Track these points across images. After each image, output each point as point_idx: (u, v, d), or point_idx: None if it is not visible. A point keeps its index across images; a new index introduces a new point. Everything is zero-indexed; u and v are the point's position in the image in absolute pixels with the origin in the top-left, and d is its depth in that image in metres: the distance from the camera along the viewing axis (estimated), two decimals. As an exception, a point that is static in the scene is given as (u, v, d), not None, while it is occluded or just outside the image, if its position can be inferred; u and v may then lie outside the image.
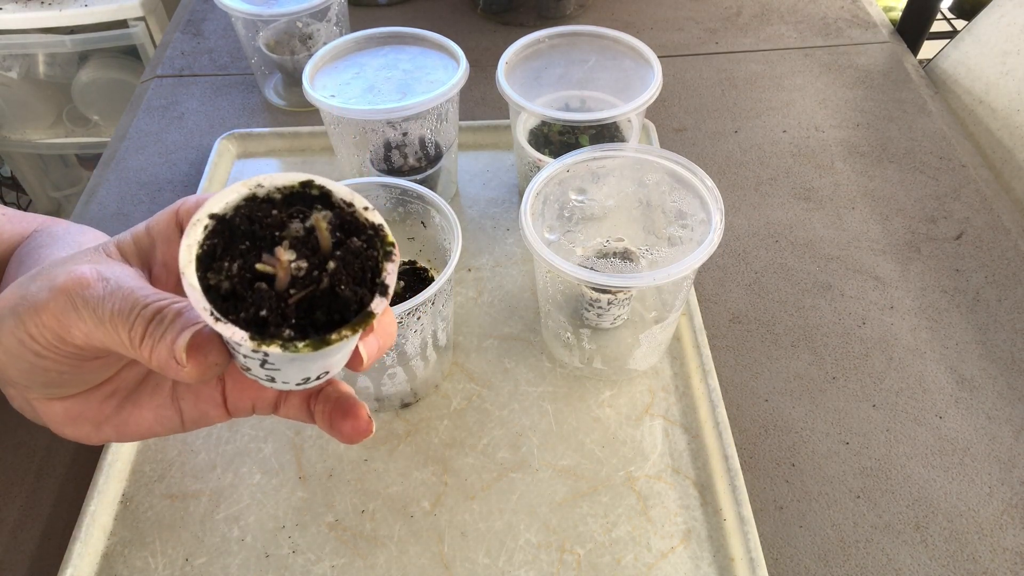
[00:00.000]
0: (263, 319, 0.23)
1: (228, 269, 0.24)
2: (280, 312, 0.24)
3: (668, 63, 0.81)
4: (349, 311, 0.24)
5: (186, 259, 0.23)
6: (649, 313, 0.53)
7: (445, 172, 0.63)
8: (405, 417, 0.51)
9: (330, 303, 0.24)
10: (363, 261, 0.25)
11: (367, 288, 0.25)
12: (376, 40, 0.61)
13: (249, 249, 0.24)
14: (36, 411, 0.31)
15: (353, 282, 0.24)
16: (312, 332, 0.24)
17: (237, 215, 0.25)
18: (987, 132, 0.74)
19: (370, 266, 0.25)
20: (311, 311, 0.24)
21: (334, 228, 0.25)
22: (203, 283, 0.23)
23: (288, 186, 0.25)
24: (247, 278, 0.24)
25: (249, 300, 0.24)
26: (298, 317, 0.24)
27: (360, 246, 0.25)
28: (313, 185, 0.25)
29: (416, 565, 0.44)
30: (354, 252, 0.25)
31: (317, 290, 0.24)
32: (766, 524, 0.46)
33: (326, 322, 0.24)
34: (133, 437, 0.32)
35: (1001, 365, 0.54)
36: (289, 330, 0.23)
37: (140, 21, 1.29)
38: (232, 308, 0.23)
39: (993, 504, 0.47)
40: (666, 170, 0.49)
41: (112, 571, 0.44)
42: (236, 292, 0.24)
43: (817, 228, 0.63)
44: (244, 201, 0.25)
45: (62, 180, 1.59)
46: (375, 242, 0.25)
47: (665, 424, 0.50)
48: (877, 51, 0.82)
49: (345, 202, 0.26)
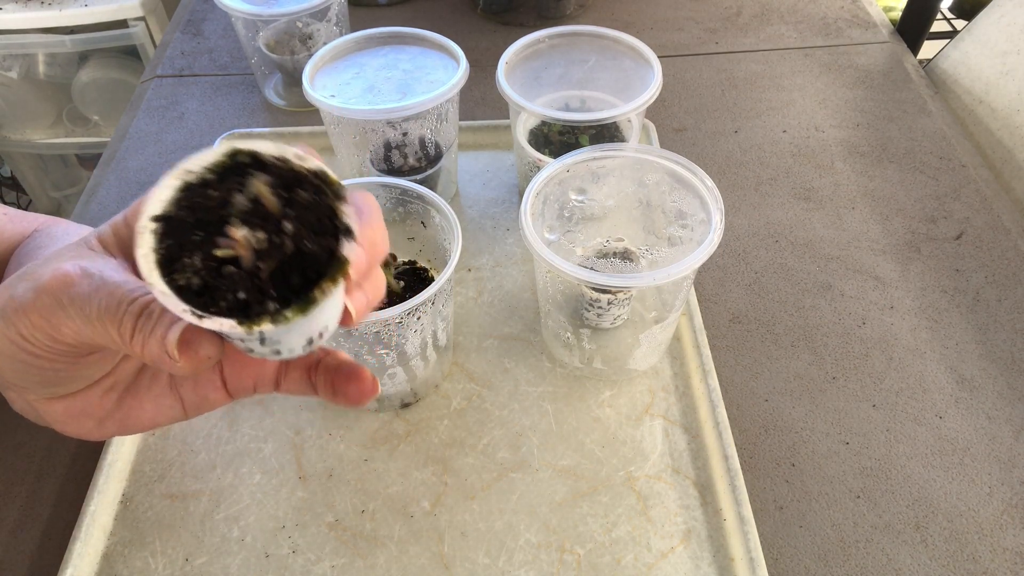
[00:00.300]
0: (244, 301, 0.23)
1: (192, 265, 0.23)
2: (258, 289, 0.23)
3: (668, 63, 0.81)
4: (322, 264, 0.24)
5: (147, 268, 0.23)
6: (649, 313, 0.53)
7: (445, 172, 0.63)
8: (405, 417, 0.51)
9: (302, 263, 0.24)
10: (317, 211, 0.24)
11: (331, 236, 0.24)
12: (376, 40, 0.61)
13: (204, 239, 0.24)
14: (37, 412, 0.31)
15: (315, 235, 0.24)
16: (294, 297, 0.23)
17: (179, 209, 0.24)
18: (987, 132, 0.74)
19: (326, 213, 0.24)
20: (287, 277, 0.24)
21: (276, 188, 0.24)
22: (172, 286, 0.23)
23: (216, 163, 0.24)
24: (213, 267, 0.23)
25: (224, 288, 0.23)
26: (277, 287, 0.24)
27: (309, 197, 0.24)
28: (240, 153, 0.24)
29: (416, 565, 0.44)
30: (305, 205, 0.24)
31: (284, 255, 0.24)
32: (766, 524, 0.46)
33: (305, 282, 0.24)
34: (137, 429, 0.32)
35: (1001, 365, 0.54)
36: (272, 303, 0.23)
37: (140, 21, 1.29)
38: (210, 300, 0.23)
39: (993, 504, 0.47)
40: (666, 170, 0.49)
41: (112, 571, 0.44)
42: (208, 284, 0.23)
43: (817, 228, 0.63)
44: (180, 193, 0.24)
45: (62, 180, 1.59)
46: (322, 188, 0.24)
47: (665, 424, 0.50)
48: (877, 51, 0.82)
49: (277, 158, 0.25)
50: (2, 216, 0.35)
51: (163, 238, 0.23)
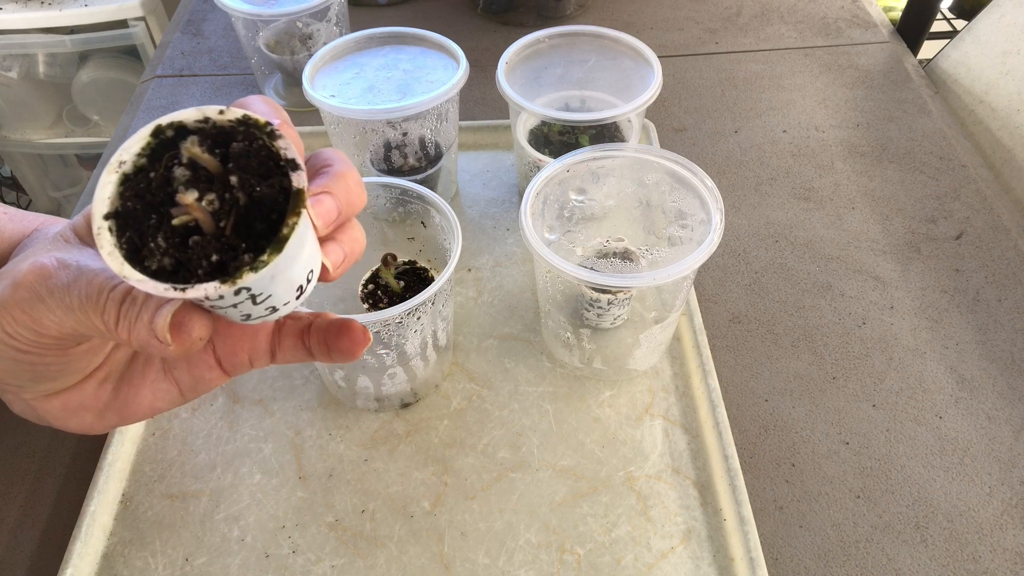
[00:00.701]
0: (219, 263, 0.23)
1: (158, 247, 0.23)
2: (228, 247, 0.23)
3: (668, 63, 0.81)
4: (279, 203, 0.24)
5: (117, 264, 0.23)
6: (649, 313, 0.53)
7: (445, 172, 0.63)
8: (405, 417, 0.51)
9: (261, 210, 0.24)
10: (257, 156, 0.24)
11: (279, 176, 0.24)
12: (376, 40, 0.61)
13: (159, 220, 0.24)
14: (36, 411, 0.31)
15: (263, 179, 0.24)
16: (265, 241, 0.24)
17: (126, 201, 0.24)
18: (987, 132, 0.74)
19: (265, 156, 0.24)
20: (251, 228, 0.24)
21: (209, 148, 0.24)
22: (146, 272, 0.23)
23: (145, 145, 0.24)
24: (179, 243, 0.24)
25: (195, 257, 0.23)
26: (245, 240, 0.24)
27: (244, 146, 0.24)
28: (164, 128, 0.24)
29: (416, 565, 0.44)
30: (243, 154, 0.24)
31: (240, 208, 0.24)
32: (766, 524, 0.46)
33: (270, 226, 0.24)
34: (138, 417, 0.32)
35: (1001, 365, 0.54)
36: (246, 254, 0.23)
37: (140, 21, 1.29)
38: (187, 273, 0.23)
39: (993, 504, 0.47)
40: (666, 170, 0.49)
41: (112, 571, 0.44)
42: (180, 261, 0.23)
43: (817, 228, 0.63)
44: (121, 186, 0.24)
45: (62, 180, 1.59)
46: (253, 134, 0.24)
47: (665, 424, 0.50)
48: (877, 51, 0.82)
49: (199, 121, 0.25)
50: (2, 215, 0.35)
51: (121, 232, 0.24)
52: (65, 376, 0.29)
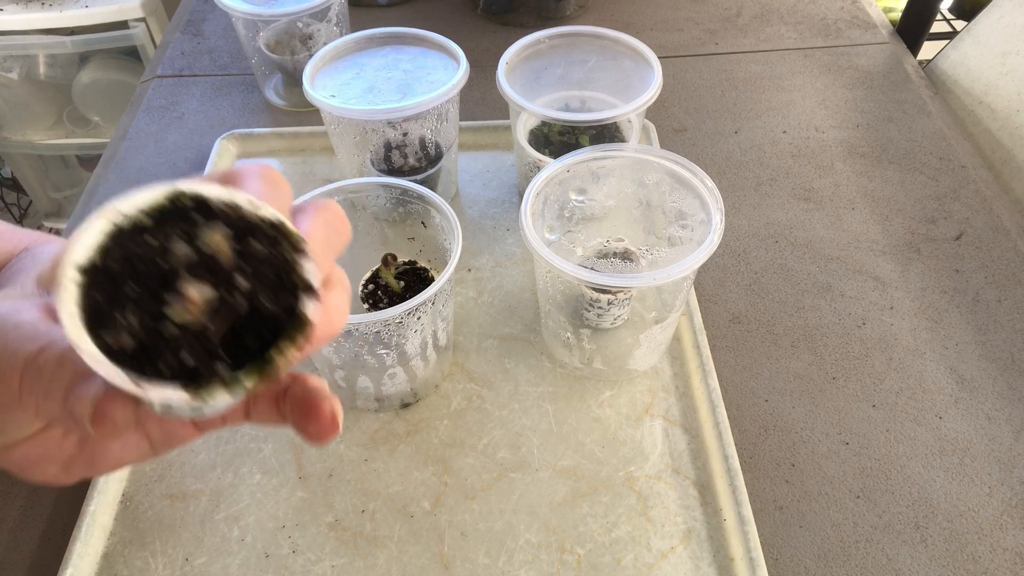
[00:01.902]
0: (192, 369, 0.20)
1: (126, 324, 0.20)
2: (206, 349, 0.21)
3: (668, 63, 0.81)
4: (279, 323, 0.22)
5: (74, 329, 0.19)
6: (649, 313, 0.53)
7: (445, 172, 0.63)
8: (405, 417, 0.51)
9: (255, 321, 0.21)
10: (275, 267, 0.22)
11: (290, 295, 0.22)
12: (376, 40, 0.61)
13: (141, 293, 0.21)
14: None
15: (273, 293, 0.21)
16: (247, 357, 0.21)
17: (109, 258, 0.21)
18: (987, 132, 0.74)
19: (284, 269, 0.22)
20: (237, 335, 0.21)
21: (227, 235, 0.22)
22: (102, 347, 0.20)
23: (155, 205, 0.21)
24: (149, 325, 0.21)
25: (163, 348, 0.20)
26: (225, 345, 0.21)
27: (264, 250, 0.22)
28: (182, 195, 0.21)
29: (416, 565, 0.44)
30: (260, 259, 0.22)
31: (236, 313, 0.21)
32: (766, 524, 0.46)
33: (260, 343, 0.21)
34: (107, 469, 0.29)
35: (1001, 365, 0.54)
36: (223, 365, 0.20)
37: (140, 22, 1.29)
38: (146, 363, 0.20)
39: (993, 504, 0.47)
40: (666, 170, 0.49)
41: (112, 571, 0.44)
42: (144, 344, 0.20)
43: (817, 228, 0.64)
44: (109, 239, 0.21)
45: (62, 181, 1.59)
46: (278, 242, 0.22)
47: (665, 424, 0.50)
48: (877, 52, 0.82)
49: (226, 204, 0.22)
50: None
51: (89, 290, 0.20)
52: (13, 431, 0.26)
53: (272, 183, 0.24)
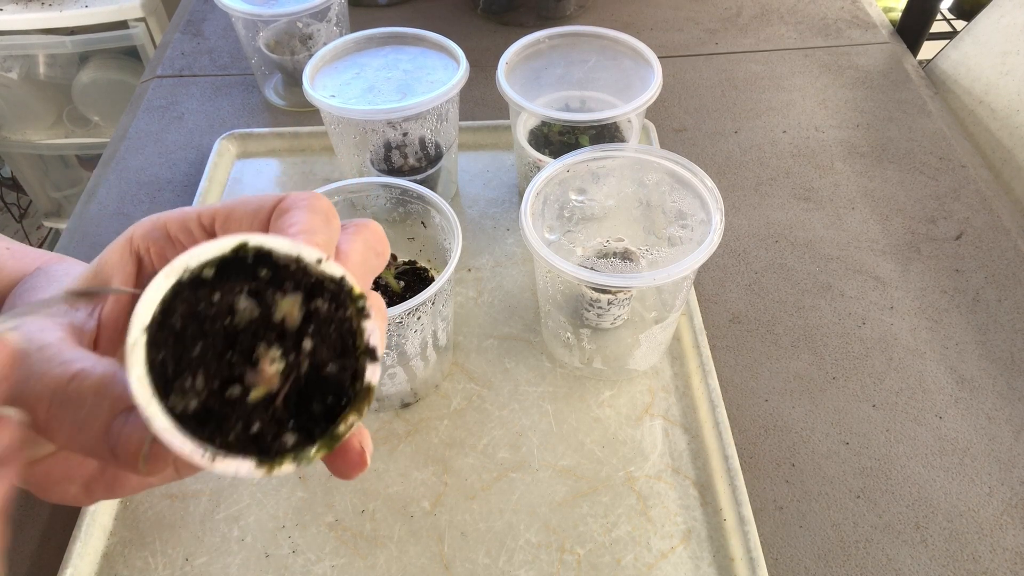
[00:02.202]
0: (256, 434, 0.20)
1: (192, 387, 0.20)
2: (273, 417, 0.20)
3: (668, 63, 0.81)
4: (340, 388, 0.21)
5: (144, 397, 0.19)
6: (649, 313, 0.53)
7: (445, 172, 0.63)
8: (405, 417, 0.51)
9: (316, 385, 0.21)
10: (338, 327, 0.21)
11: (351, 356, 0.21)
12: (376, 40, 0.61)
13: (203, 352, 0.20)
14: None
15: (336, 356, 0.21)
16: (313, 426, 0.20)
17: (174, 316, 0.20)
18: (987, 132, 0.74)
19: (346, 330, 0.21)
20: (300, 401, 0.21)
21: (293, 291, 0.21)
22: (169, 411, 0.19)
23: (218, 257, 0.21)
24: (215, 388, 0.20)
25: (230, 415, 0.20)
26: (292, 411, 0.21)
27: (328, 310, 0.21)
28: (248, 247, 0.21)
29: (416, 565, 0.44)
30: (324, 320, 0.21)
31: (300, 377, 0.21)
32: (766, 524, 0.46)
33: (323, 409, 0.21)
34: (127, 492, 0.28)
35: (1001, 365, 0.54)
36: (290, 435, 0.20)
37: (140, 22, 1.29)
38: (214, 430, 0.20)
39: (993, 504, 0.47)
40: (666, 170, 0.49)
41: (112, 571, 0.44)
42: (208, 408, 0.20)
43: (817, 228, 0.64)
44: (173, 293, 0.20)
45: (62, 180, 1.59)
46: (342, 299, 0.21)
47: (665, 424, 0.50)
48: (877, 51, 0.82)
49: (292, 258, 0.21)
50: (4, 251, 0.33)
51: (153, 350, 0.20)
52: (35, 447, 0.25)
53: (323, 217, 0.24)
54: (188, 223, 0.26)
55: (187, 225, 0.26)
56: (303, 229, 0.23)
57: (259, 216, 0.25)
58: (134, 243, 0.26)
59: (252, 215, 0.25)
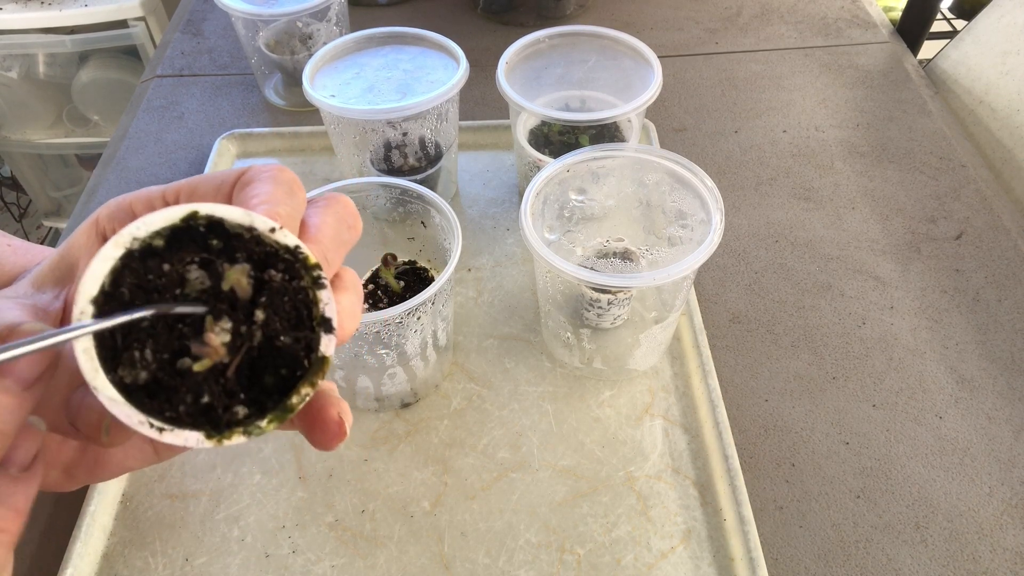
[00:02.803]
0: (206, 405, 0.20)
1: (141, 359, 0.20)
2: (223, 389, 0.20)
3: (668, 63, 0.81)
4: (294, 360, 0.21)
5: (90, 368, 0.19)
6: (649, 313, 0.53)
7: (445, 172, 0.63)
8: (405, 417, 0.51)
9: (269, 357, 0.21)
10: (292, 297, 0.21)
11: (306, 328, 0.21)
12: (376, 40, 0.61)
13: (154, 324, 0.20)
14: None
15: (290, 327, 0.21)
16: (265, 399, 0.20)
17: (120, 286, 0.20)
18: (987, 132, 0.74)
19: (301, 300, 0.21)
20: (253, 373, 0.21)
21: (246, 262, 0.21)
22: (117, 384, 0.19)
23: (168, 226, 0.20)
24: (164, 360, 0.20)
25: (180, 387, 0.20)
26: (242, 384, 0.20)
27: (282, 280, 0.21)
28: (199, 216, 0.20)
29: (416, 565, 0.44)
30: (278, 291, 0.21)
31: (252, 348, 0.20)
32: (766, 524, 0.46)
33: (276, 381, 0.21)
34: (109, 476, 0.28)
35: (1001, 365, 0.54)
36: (241, 407, 0.20)
37: (140, 21, 1.29)
38: (163, 403, 0.20)
39: (993, 504, 0.47)
40: (666, 170, 0.49)
41: (112, 571, 0.44)
42: (158, 380, 0.20)
43: (817, 228, 0.63)
44: (123, 264, 0.20)
45: (62, 180, 1.59)
46: (297, 269, 0.21)
47: (665, 424, 0.50)
48: (877, 51, 0.82)
49: (244, 227, 0.21)
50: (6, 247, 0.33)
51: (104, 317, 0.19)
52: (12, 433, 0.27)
53: (287, 188, 0.23)
54: (153, 201, 0.26)
55: (152, 203, 0.26)
56: (265, 200, 0.23)
57: (222, 190, 0.25)
58: (100, 224, 0.26)
59: (216, 189, 0.25)
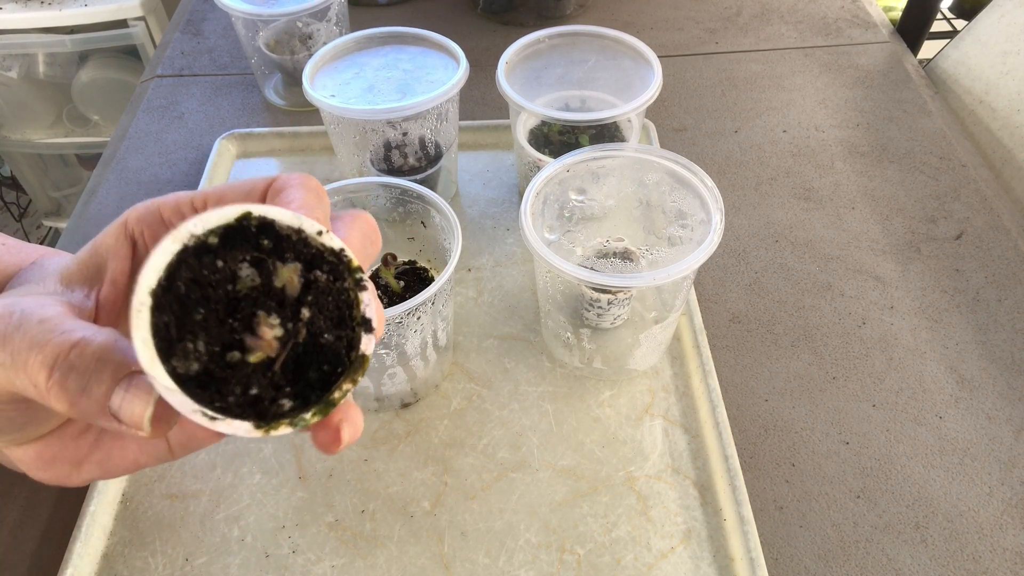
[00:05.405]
0: (254, 397, 0.21)
1: (194, 350, 0.20)
2: (271, 382, 0.21)
3: (668, 63, 0.81)
4: (337, 358, 0.22)
5: (147, 358, 0.20)
6: (649, 313, 0.53)
7: (445, 172, 0.63)
8: (405, 417, 0.51)
9: (313, 353, 0.22)
10: (336, 297, 0.22)
11: (348, 327, 0.22)
12: (376, 40, 0.61)
13: (205, 317, 0.21)
14: (7, 457, 0.28)
15: (334, 326, 0.22)
16: (310, 393, 0.21)
17: (178, 281, 0.21)
18: (987, 132, 0.74)
19: (343, 301, 0.22)
20: (297, 368, 0.22)
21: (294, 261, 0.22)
22: (171, 374, 0.20)
23: (223, 225, 0.21)
24: (216, 352, 0.21)
25: (230, 379, 0.20)
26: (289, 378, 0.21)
27: (327, 281, 0.22)
28: (251, 217, 0.22)
29: (416, 565, 0.44)
30: (323, 290, 0.22)
31: (297, 344, 0.21)
32: (766, 524, 0.46)
33: (319, 376, 0.22)
34: (119, 472, 0.29)
35: (1001, 365, 0.54)
36: (286, 400, 0.21)
37: (140, 21, 1.29)
38: (214, 393, 0.20)
39: (993, 504, 0.47)
40: (666, 170, 0.49)
41: (112, 571, 0.44)
42: (209, 371, 0.21)
43: (817, 228, 0.63)
44: (178, 260, 0.21)
45: (62, 180, 1.59)
46: (340, 271, 0.22)
47: (665, 424, 0.50)
48: (877, 51, 0.82)
49: (294, 229, 0.22)
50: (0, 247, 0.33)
51: (157, 313, 0.20)
52: (33, 426, 0.26)
53: (315, 194, 0.25)
54: (182, 207, 0.27)
55: (181, 209, 0.27)
56: (301, 205, 0.24)
57: (251, 197, 0.26)
58: (129, 227, 0.26)
59: (244, 197, 0.26)
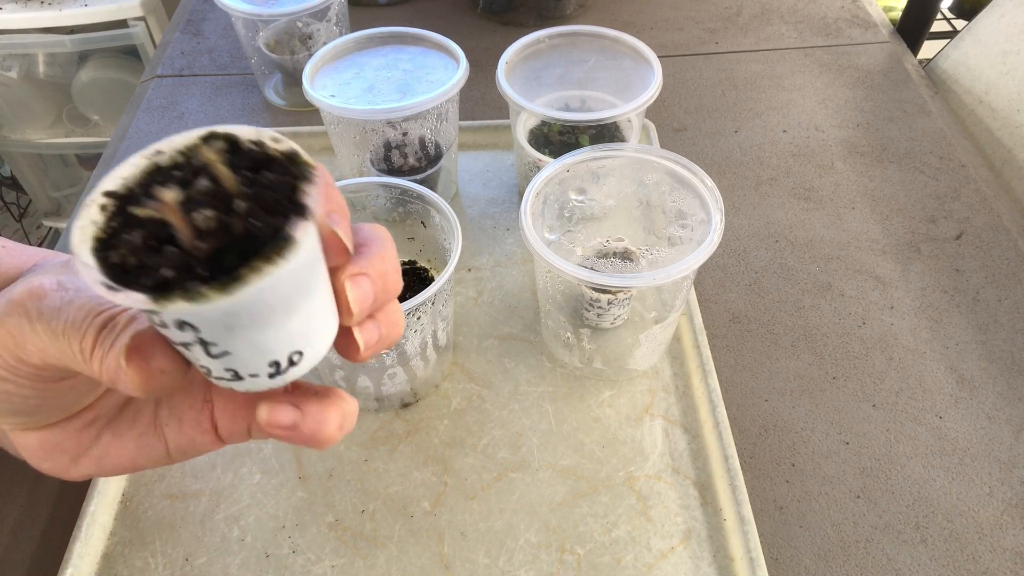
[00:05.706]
0: (169, 280, 0.20)
1: (129, 241, 0.21)
2: (190, 268, 0.21)
3: (668, 63, 0.81)
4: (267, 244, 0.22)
5: (78, 238, 0.20)
6: (649, 313, 0.53)
7: (445, 172, 0.63)
8: (405, 417, 0.51)
9: (249, 247, 0.21)
10: (278, 191, 0.22)
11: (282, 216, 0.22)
12: (376, 40, 0.61)
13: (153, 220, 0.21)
14: (11, 442, 0.29)
15: (266, 215, 0.21)
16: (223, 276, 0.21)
17: (138, 191, 0.22)
18: (987, 132, 0.74)
19: (287, 194, 0.22)
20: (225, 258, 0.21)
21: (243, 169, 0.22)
22: (104, 262, 0.20)
23: (190, 145, 0.22)
24: (153, 247, 0.21)
25: (154, 265, 0.21)
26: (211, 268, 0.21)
27: (273, 178, 0.22)
28: (217, 136, 0.23)
29: (416, 565, 0.44)
30: (266, 185, 0.22)
31: (231, 236, 0.21)
32: (766, 524, 0.46)
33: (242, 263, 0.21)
34: (114, 471, 0.29)
35: (1001, 365, 0.54)
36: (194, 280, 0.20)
37: (140, 21, 1.29)
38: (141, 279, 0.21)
39: (993, 504, 0.47)
40: (666, 170, 0.49)
41: (112, 571, 0.44)
42: (143, 264, 0.21)
43: (817, 228, 0.63)
44: (145, 174, 0.22)
45: (62, 180, 1.59)
46: (289, 169, 0.22)
47: (665, 424, 0.50)
48: (877, 51, 0.82)
49: (253, 141, 0.23)
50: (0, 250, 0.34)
51: (113, 217, 0.21)
52: (44, 412, 0.27)
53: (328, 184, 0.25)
54: None
55: None
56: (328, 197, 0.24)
57: None
58: None
59: None
